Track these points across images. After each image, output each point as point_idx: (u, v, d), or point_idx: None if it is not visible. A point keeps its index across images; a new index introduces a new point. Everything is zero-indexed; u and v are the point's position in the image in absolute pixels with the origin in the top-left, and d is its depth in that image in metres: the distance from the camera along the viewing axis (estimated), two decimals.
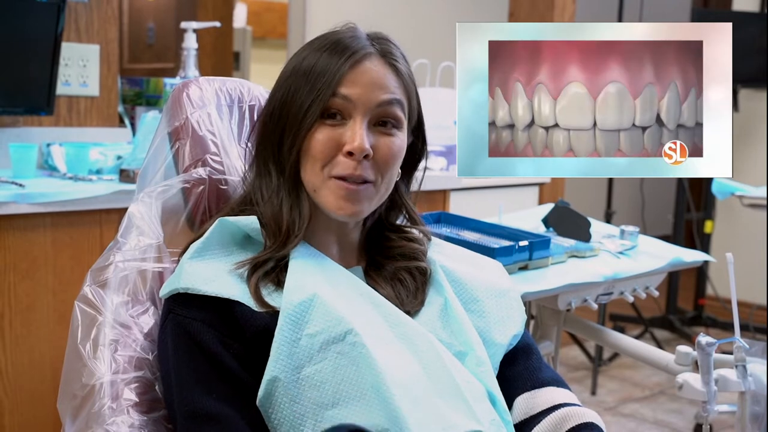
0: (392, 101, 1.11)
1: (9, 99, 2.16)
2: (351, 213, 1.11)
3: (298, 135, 1.10)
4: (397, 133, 1.12)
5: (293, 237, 1.10)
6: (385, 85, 1.11)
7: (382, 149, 1.10)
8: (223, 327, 1.03)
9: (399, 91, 1.13)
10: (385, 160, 1.11)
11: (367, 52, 1.11)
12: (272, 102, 1.14)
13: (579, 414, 1.14)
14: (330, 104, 1.09)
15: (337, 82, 1.08)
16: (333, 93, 1.08)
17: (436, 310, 1.15)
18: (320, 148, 1.09)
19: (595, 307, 1.72)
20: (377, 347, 1.03)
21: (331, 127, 1.09)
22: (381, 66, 1.12)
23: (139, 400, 1.08)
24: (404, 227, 1.23)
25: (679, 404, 3.34)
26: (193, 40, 2.50)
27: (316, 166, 1.10)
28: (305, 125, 1.09)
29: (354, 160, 1.08)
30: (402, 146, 1.14)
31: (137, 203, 1.20)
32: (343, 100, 1.08)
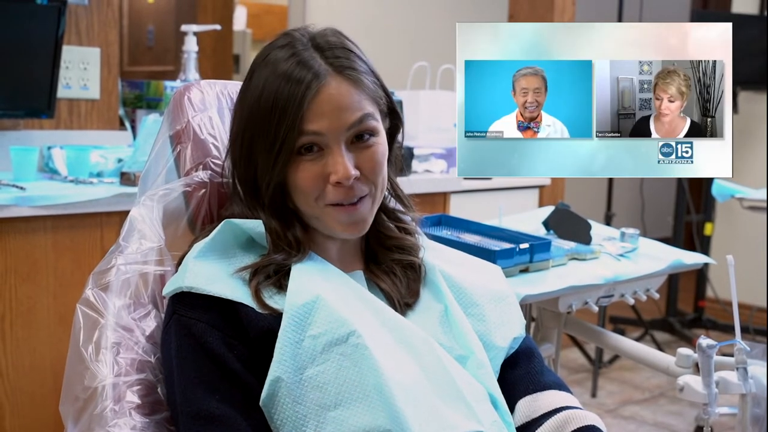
0: (362, 118, 1.08)
1: (10, 102, 2.16)
2: (358, 232, 1.12)
3: (273, 174, 1.08)
4: (375, 140, 1.11)
5: (294, 252, 1.11)
6: (349, 106, 1.08)
7: (367, 163, 1.10)
8: (228, 328, 1.03)
9: (365, 102, 1.10)
10: (373, 170, 1.10)
11: (324, 78, 1.07)
12: (239, 128, 1.12)
13: (580, 417, 1.14)
14: (301, 141, 1.07)
15: (302, 117, 1.06)
16: (300, 131, 1.06)
17: (437, 316, 1.16)
18: (308, 184, 1.08)
19: (596, 309, 1.72)
20: (379, 350, 1.03)
21: (311, 162, 1.08)
22: (339, 86, 1.08)
23: (141, 402, 1.08)
24: (398, 212, 1.23)
25: (679, 406, 3.34)
26: (194, 43, 2.50)
27: (309, 199, 1.10)
28: (279, 163, 1.07)
29: (343, 188, 1.08)
30: (384, 149, 1.13)
31: (139, 206, 1.20)
32: (314, 135, 1.07)
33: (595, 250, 1.81)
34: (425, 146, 2.80)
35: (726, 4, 4.85)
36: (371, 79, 1.12)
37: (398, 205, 1.23)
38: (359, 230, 1.12)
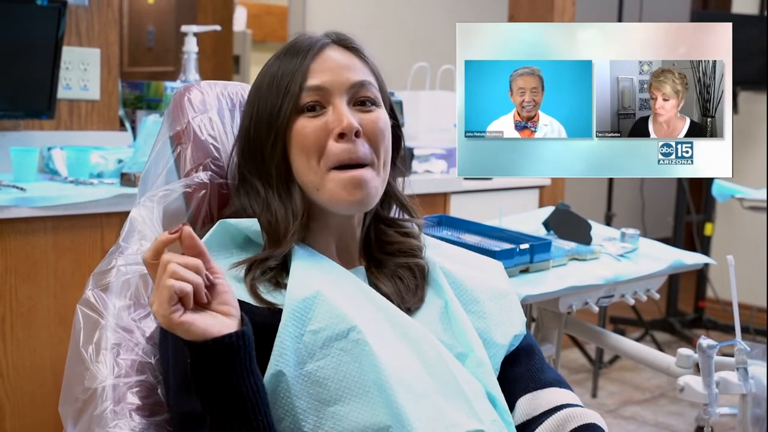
0: (363, 82, 1.12)
1: (10, 103, 2.16)
2: (361, 200, 1.10)
3: (277, 133, 1.10)
4: (377, 109, 1.13)
5: (289, 235, 1.10)
6: (351, 67, 1.12)
7: (369, 125, 1.11)
8: None
9: (366, 71, 1.14)
10: (375, 135, 1.11)
11: (324, 43, 1.13)
12: (243, 121, 1.16)
13: (581, 415, 1.14)
14: (303, 99, 1.09)
15: (303, 77, 1.10)
16: (301, 88, 1.09)
17: (437, 312, 1.16)
18: (309, 139, 1.09)
19: (596, 309, 1.72)
20: (380, 345, 1.03)
21: (313, 118, 1.10)
22: (341, 52, 1.14)
23: (141, 403, 1.08)
24: (399, 221, 1.23)
25: (679, 407, 3.34)
26: (194, 44, 2.50)
27: (312, 161, 1.09)
28: (282, 121, 1.10)
29: (347, 141, 1.08)
30: (386, 121, 1.14)
31: (139, 207, 1.20)
32: (315, 90, 1.10)
33: (595, 250, 1.81)
34: (425, 147, 2.80)
35: (726, 5, 4.85)
36: (376, 68, 1.17)
37: (403, 214, 1.24)
38: (363, 198, 1.10)
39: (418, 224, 1.24)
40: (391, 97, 1.21)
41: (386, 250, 1.20)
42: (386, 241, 1.20)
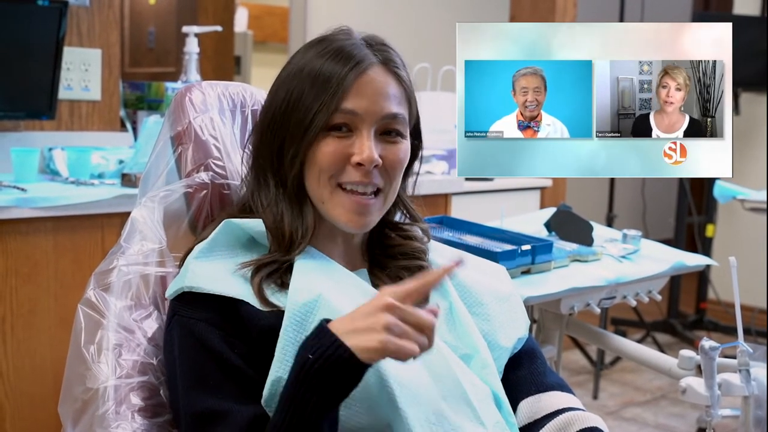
0: (397, 115, 1.11)
1: (11, 103, 2.16)
2: (360, 226, 1.11)
3: (300, 147, 1.09)
4: (401, 140, 1.13)
5: (296, 245, 1.10)
6: (389, 96, 1.11)
7: (389, 158, 1.11)
8: (228, 326, 1.03)
9: (402, 100, 1.13)
10: (393, 167, 1.12)
11: (370, 62, 1.10)
12: (273, 104, 1.13)
13: (583, 418, 1.14)
14: (335, 118, 1.08)
15: (342, 94, 1.08)
16: (337, 107, 1.08)
17: (442, 314, 1.15)
18: (329, 160, 1.09)
19: (598, 311, 1.72)
20: None
21: (337, 139, 1.09)
22: (383, 75, 1.11)
23: (143, 404, 1.08)
24: (403, 225, 1.23)
25: (681, 408, 3.33)
26: (195, 45, 2.50)
27: (323, 177, 1.10)
28: (308, 137, 1.09)
29: (362, 170, 1.08)
30: (407, 154, 1.15)
31: (140, 208, 1.20)
32: (349, 114, 1.08)
33: (596, 251, 1.81)
34: (426, 147, 2.78)
35: (727, 6, 4.85)
36: (411, 89, 1.16)
37: (408, 220, 1.24)
38: (362, 225, 1.11)
39: (423, 228, 1.24)
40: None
41: (389, 253, 1.20)
42: (389, 244, 1.20)
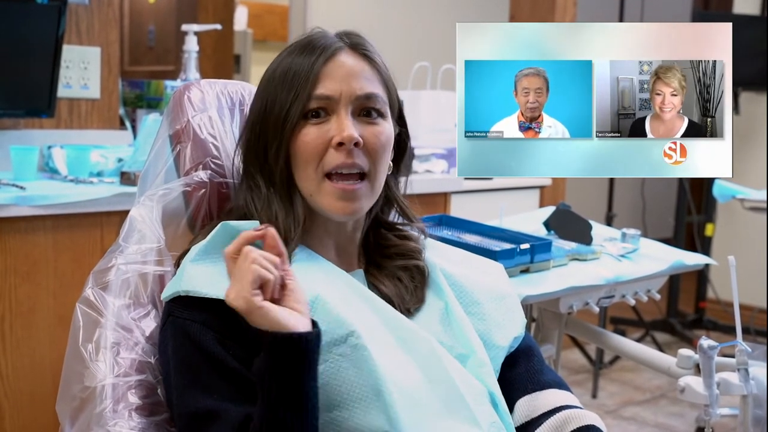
0: (371, 95, 1.11)
1: (10, 101, 2.16)
2: (350, 212, 1.11)
3: (282, 138, 1.10)
4: (381, 122, 1.13)
5: (290, 241, 1.10)
6: (361, 76, 1.11)
7: (370, 138, 1.11)
8: (223, 328, 1.03)
9: (376, 80, 1.13)
10: (375, 148, 1.11)
11: (337, 47, 1.12)
12: (252, 114, 1.16)
13: (580, 416, 1.14)
14: (310, 105, 1.09)
15: (313, 80, 1.09)
16: (310, 94, 1.09)
17: (437, 314, 1.15)
18: (310, 146, 1.09)
19: (597, 310, 1.72)
20: (378, 350, 1.03)
21: (316, 126, 1.10)
22: (353, 58, 1.13)
23: (141, 403, 1.08)
24: (399, 224, 1.23)
25: (679, 407, 3.33)
26: (194, 43, 2.50)
27: (309, 168, 1.10)
28: (288, 127, 1.10)
29: (344, 150, 1.08)
30: (390, 134, 1.14)
31: (138, 206, 1.20)
32: (323, 99, 1.09)
33: (596, 250, 1.81)
34: (426, 146, 2.79)
35: (727, 5, 4.85)
36: (386, 73, 1.16)
37: (403, 220, 1.24)
38: (351, 211, 1.11)
39: (419, 228, 1.24)
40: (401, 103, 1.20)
41: (385, 253, 1.20)
42: (385, 245, 1.20)
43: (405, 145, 1.22)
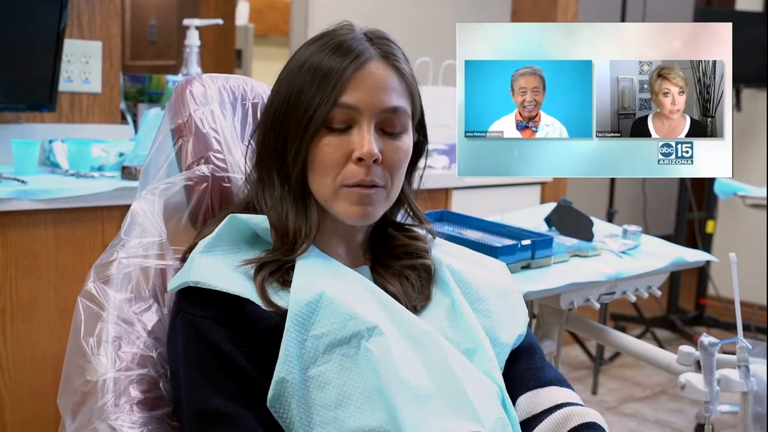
0: (397, 108, 1.10)
1: (11, 95, 2.16)
2: (364, 217, 1.11)
3: (302, 144, 1.09)
4: (403, 137, 1.12)
5: (300, 244, 1.10)
6: (388, 89, 1.10)
7: (389, 154, 1.10)
8: (233, 325, 1.03)
9: (403, 93, 1.12)
10: (393, 164, 1.11)
11: (369, 56, 1.10)
12: (275, 102, 1.13)
13: (581, 414, 1.14)
14: (334, 113, 1.08)
15: (341, 88, 1.07)
16: (336, 101, 1.07)
17: (444, 310, 1.15)
18: (329, 157, 1.08)
19: (598, 306, 1.72)
20: (383, 348, 1.02)
21: (337, 136, 1.08)
22: (383, 69, 1.10)
23: (143, 397, 1.08)
24: (408, 225, 1.23)
25: (680, 404, 3.34)
26: (196, 38, 2.50)
27: (327, 178, 1.09)
28: (309, 132, 1.08)
29: (364, 166, 1.08)
30: (409, 149, 1.14)
31: (140, 201, 1.20)
32: (348, 108, 1.08)
33: (597, 246, 1.81)
34: None
35: (730, 2, 4.85)
36: (413, 83, 1.15)
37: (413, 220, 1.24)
38: (365, 216, 1.10)
39: (428, 229, 1.24)
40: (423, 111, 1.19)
41: (392, 252, 1.20)
42: (392, 244, 1.20)
43: (421, 153, 1.21)
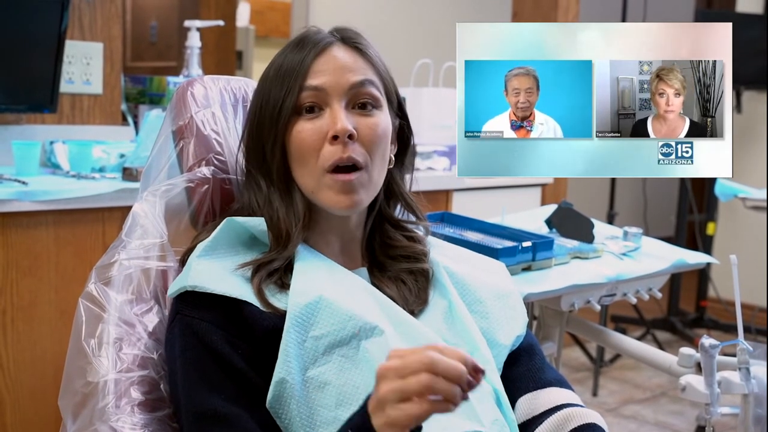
0: (364, 82, 1.11)
1: (12, 96, 2.16)
2: (350, 204, 1.10)
3: (276, 134, 1.10)
4: (377, 113, 1.12)
5: (293, 238, 1.10)
6: (352, 68, 1.11)
7: (365, 130, 1.10)
8: (231, 327, 1.03)
9: (369, 70, 1.13)
10: (371, 140, 1.11)
11: (328, 41, 1.12)
12: (249, 113, 1.16)
13: (581, 415, 1.14)
14: (302, 98, 1.09)
15: (304, 74, 1.10)
16: (301, 87, 1.09)
17: (441, 313, 1.15)
18: (306, 143, 1.09)
19: (598, 308, 1.72)
20: (382, 349, 1.02)
21: (310, 121, 1.10)
22: (345, 51, 1.13)
23: (144, 399, 1.08)
24: (405, 222, 1.23)
25: (680, 406, 3.34)
26: (197, 39, 2.50)
27: (308, 165, 1.10)
28: (282, 123, 1.10)
29: (340, 143, 1.08)
30: (386, 126, 1.13)
31: (141, 202, 1.20)
32: (314, 90, 1.09)
33: (597, 248, 1.81)
34: (428, 143, 2.80)
35: (730, 4, 4.85)
36: (381, 64, 1.16)
37: (410, 215, 1.23)
38: (351, 203, 1.10)
39: (425, 227, 1.23)
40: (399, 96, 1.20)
41: (390, 254, 1.20)
42: (391, 245, 1.20)
43: (408, 139, 1.21)
